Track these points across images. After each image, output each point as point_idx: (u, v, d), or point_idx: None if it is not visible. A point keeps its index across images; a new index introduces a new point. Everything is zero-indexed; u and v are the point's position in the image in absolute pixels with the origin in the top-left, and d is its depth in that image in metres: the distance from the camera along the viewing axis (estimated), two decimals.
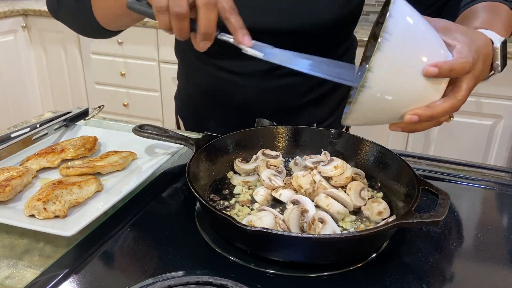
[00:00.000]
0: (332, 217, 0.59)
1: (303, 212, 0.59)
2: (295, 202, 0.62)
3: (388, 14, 0.50)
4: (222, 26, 0.59)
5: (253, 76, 0.90)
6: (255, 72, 0.89)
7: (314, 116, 0.96)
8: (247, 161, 0.75)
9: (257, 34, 0.80)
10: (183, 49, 1.00)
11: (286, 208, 0.62)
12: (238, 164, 0.73)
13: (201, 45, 0.59)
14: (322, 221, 0.57)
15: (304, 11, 0.82)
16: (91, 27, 0.79)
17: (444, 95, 0.56)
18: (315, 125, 1.04)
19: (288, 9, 0.81)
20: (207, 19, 0.55)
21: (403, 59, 0.52)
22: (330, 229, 0.56)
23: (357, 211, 0.65)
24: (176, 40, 1.02)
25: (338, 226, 0.60)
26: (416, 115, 0.55)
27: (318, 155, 0.76)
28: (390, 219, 0.59)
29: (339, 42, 0.93)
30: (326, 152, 0.75)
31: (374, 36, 0.66)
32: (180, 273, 0.53)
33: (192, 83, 1.01)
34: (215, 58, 0.91)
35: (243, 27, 0.59)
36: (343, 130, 0.94)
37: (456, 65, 0.53)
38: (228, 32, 0.60)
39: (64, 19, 0.83)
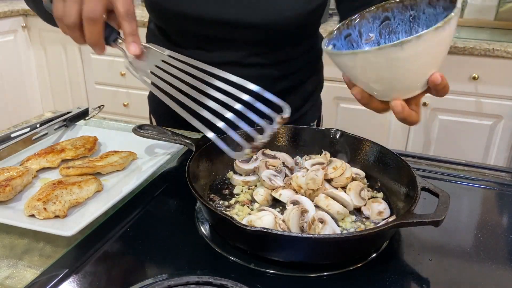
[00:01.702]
0: (332, 217, 0.59)
1: (303, 212, 0.59)
2: (295, 203, 0.62)
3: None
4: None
5: (228, 65, 0.87)
6: (230, 61, 0.89)
7: (289, 104, 0.95)
8: (247, 161, 0.75)
9: (219, 26, 0.82)
10: (148, 34, 1.00)
11: (286, 208, 0.62)
12: (238, 164, 0.73)
13: (96, 52, 0.60)
14: (322, 221, 0.57)
15: (266, 7, 0.83)
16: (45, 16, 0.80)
17: None
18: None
19: (251, 3, 0.83)
20: (89, 32, 0.57)
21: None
22: (330, 229, 0.56)
23: (357, 211, 0.65)
24: (146, 35, 1.02)
25: (338, 226, 0.60)
26: (441, 77, 0.60)
27: (319, 155, 0.76)
28: (390, 219, 0.59)
29: (303, 38, 0.94)
30: (326, 152, 0.75)
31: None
32: (180, 273, 0.53)
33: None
34: (186, 48, 0.90)
35: (133, 33, 0.58)
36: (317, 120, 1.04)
37: None
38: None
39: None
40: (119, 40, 0.60)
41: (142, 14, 2.63)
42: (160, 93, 0.58)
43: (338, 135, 0.77)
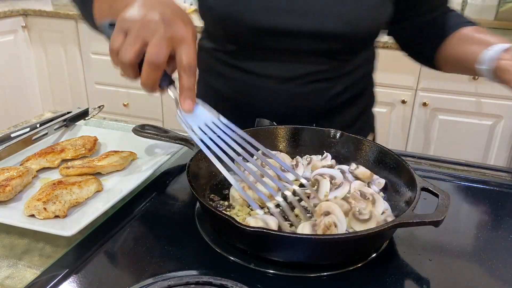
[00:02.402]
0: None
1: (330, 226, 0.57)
2: (327, 214, 0.59)
3: None
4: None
5: (286, 80, 0.86)
6: (289, 76, 0.85)
7: (340, 122, 0.93)
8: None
9: (296, 38, 0.80)
10: (200, 53, 0.96)
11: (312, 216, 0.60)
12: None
13: (145, 91, 0.58)
14: (336, 225, 0.56)
15: (348, 16, 0.80)
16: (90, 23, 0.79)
17: None
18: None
19: (332, 13, 0.79)
20: (147, 76, 0.55)
21: None
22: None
23: None
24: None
25: None
26: None
27: (320, 155, 0.76)
28: (390, 219, 0.59)
29: (364, 48, 0.91)
30: (328, 154, 0.74)
31: None
32: (180, 273, 0.53)
33: (211, 89, 0.96)
34: (242, 60, 0.87)
35: (190, 88, 0.56)
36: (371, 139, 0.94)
37: None
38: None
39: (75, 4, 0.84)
40: (172, 87, 0.58)
41: None
42: (207, 150, 0.58)
43: (338, 135, 0.77)
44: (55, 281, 0.52)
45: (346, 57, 0.87)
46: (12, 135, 0.79)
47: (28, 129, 0.82)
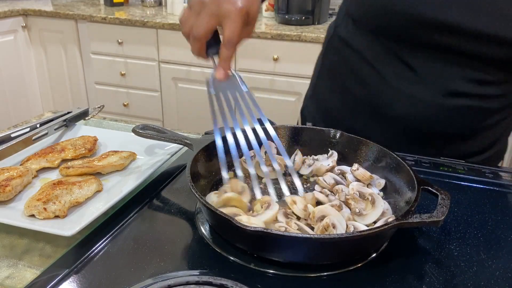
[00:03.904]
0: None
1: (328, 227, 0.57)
2: (322, 219, 0.59)
3: None
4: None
5: (436, 87, 0.76)
6: (453, 87, 0.75)
7: (473, 147, 0.85)
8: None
9: (465, 37, 0.70)
10: (339, 47, 0.89)
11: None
12: (244, 165, 0.73)
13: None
14: (334, 226, 0.56)
15: None
16: None
17: None
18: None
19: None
20: (193, 46, 0.63)
21: None
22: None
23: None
24: (326, 48, 0.94)
25: None
26: None
27: (325, 154, 0.76)
28: (390, 219, 0.59)
29: None
30: (333, 152, 0.74)
31: None
32: (180, 273, 0.53)
33: (347, 93, 0.88)
34: (393, 63, 0.78)
35: (226, 60, 0.63)
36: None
37: None
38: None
39: None
40: (216, 56, 0.65)
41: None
42: (213, 113, 0.66)
43: (338, 135, 0.77)
44: (55, 281, 0.52)
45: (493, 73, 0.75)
46: (12, 135, 0.79)
47: (28, 129, 0.82)
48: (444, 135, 0.81)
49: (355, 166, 0.71)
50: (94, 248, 0.57)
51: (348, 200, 0.63)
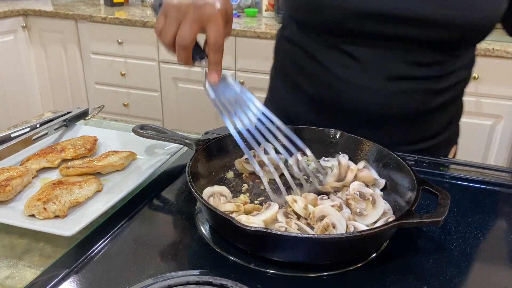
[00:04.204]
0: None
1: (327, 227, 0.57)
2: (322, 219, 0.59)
3: None
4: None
5: (391, 76, 0.79)
6: (395, 71, 0.79)
7: (429, 130, 0.88)
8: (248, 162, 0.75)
9: (401, 24, 0.75)
10: (284, 45, 0.92)
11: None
12: (244, 165, 0.73)
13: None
14: (334, 226, 0.56)
15: (469, 4, 0.73)
16: None
17: None
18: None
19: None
20: (179, 54, 0.62)
21: None
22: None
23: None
24: (276, 48, 0.96)
25: None
26: None
27: (333, 158, 0.75)
28: (390, 219, 0.59)
29: (470, 47, 0.84)
30: (344, 155, 0.73)
31: None
32: (180, 273, 0.53)
33: (294, 87, 0.90)
34: (335, 54, 0.81)
35: (216, 63, 0.63)
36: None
37: None
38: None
39: None
40: (204, 61, 0.64)
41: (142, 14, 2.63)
42: (226, 119, 0.64)
43: (338, 135, 0.77)
44: (55, 281, 0.52)
45: (451, 52, 0.80)
46: (12, 135, 0.79)
47: (28, 129, 0.82)
48: (394, 119, 0.84)
49: (362, 164, 0.70)
50: (94, 248, 0.57)
51: (349, 200, 0.63)
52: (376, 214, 0.61)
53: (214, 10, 0.59)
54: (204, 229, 0.62)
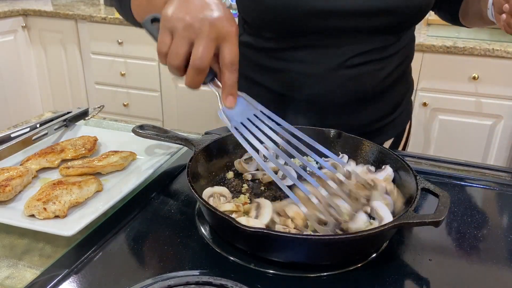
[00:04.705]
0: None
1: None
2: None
3: None
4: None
5: (339, 63, 0.84)
6: (342, 59, 0.83)
7: (384, 107, 0.93)
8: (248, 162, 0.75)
9: (340, 16, 0.79)
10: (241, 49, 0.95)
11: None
12: (243, 165, 0.73)
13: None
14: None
15: None
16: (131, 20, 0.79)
17: None
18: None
19: None
20: (192, 79, 0.55)
21: None
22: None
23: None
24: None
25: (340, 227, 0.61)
26: None
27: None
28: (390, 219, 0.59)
29: (408, 29, 0.90)
30: (343, 155, 0.74)
31: None
32: (180, 273, 0.53)
33: (256, 84, 0.93)
34: (289, 50, 0.85)
35: (233, 85, 0.57)
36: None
37: None
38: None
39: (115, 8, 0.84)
40: (215, 83, 0.59)
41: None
42: (248, 146, 0.58)
43: (338, 135, 0.77)
44: (55, 281, 0.52)
45: (396, 34, 0.86)
46: (12, 135, 0.79)
47: (28, 129, 0.82)
48: (351, 102, 0.88)
49: (371, 168, 0.70)
50: (94, 248, 0.57)
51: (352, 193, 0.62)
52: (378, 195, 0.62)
53: (231, 27, 0.54)
54: (204, 229, 0.62)
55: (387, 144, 0.98)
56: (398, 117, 0.96)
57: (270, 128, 0.60)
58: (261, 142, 0.59)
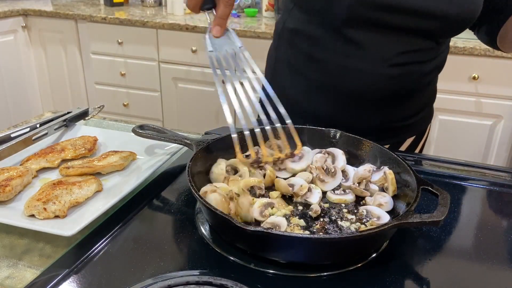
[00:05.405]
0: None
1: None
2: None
3: None
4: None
5: (386, 59, 0.85)
6: (390, 55, 0.85)
7: (410, 107, 0.95)
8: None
9: (401, 14, 0.80)
10: (286, 35, 0.97)
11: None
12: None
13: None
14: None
15: None
16: None
17: None
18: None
19: None
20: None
21: None
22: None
23: (361, 199, 0.67)
24: (276, 46, 1.01)
25: (338, 225, 0.61)
26: None
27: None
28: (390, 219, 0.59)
29: (454, 34, 0.91)
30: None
31: None
32: (180, 273, 0.53)
33: (299, 74, 0.95)
34: (338, 41, 0.86)
35: (222, 17, 0.66)
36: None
37: None
38: None
39: None
40: (211, 12, 0.67)
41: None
42: (214, 68, 0.66)
43: (338, 135, 0.77)
44: (55, 281, 0.52)
45: (438, 40, 0.88)
46: (12, 135, 0.79)
47: (28, 129, 0.82)
48: (388, 100, 0.90)
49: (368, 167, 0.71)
50: (94, 248, 0.57)
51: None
52: (334, 183, 0.69)
53: None
54: (204, 229, 0.62)
55: (407, 142, 1.00)
56: (423, 118, 1.00)
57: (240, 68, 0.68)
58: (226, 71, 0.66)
